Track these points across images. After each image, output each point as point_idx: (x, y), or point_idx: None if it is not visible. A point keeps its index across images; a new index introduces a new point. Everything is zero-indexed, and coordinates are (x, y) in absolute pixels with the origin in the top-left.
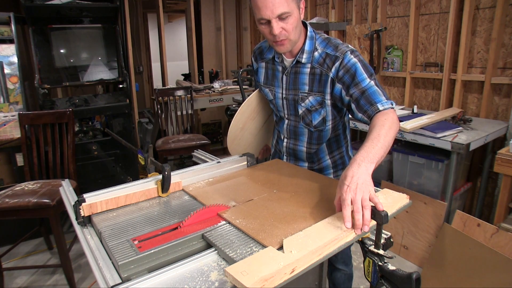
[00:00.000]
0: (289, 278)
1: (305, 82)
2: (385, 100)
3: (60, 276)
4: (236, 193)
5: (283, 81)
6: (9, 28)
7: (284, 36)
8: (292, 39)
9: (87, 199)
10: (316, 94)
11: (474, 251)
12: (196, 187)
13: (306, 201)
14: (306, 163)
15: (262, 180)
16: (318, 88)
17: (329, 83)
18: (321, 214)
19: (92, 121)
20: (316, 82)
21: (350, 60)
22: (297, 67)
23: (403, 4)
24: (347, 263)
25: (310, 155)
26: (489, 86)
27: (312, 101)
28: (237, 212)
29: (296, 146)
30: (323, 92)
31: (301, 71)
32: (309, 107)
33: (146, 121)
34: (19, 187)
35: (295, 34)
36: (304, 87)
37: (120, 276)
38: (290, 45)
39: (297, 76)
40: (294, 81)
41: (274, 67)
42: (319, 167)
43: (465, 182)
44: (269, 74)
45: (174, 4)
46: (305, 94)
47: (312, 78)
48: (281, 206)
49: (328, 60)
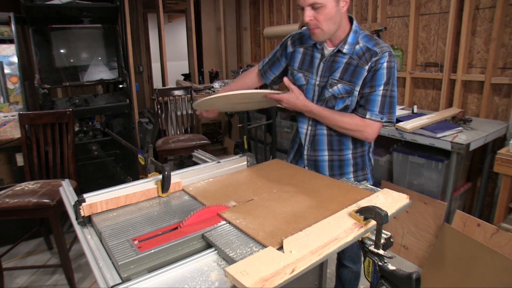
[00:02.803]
0: (289, 278)
1: (338, 71)
2: (377, 113)
3: (60, 276)
4: (236, 193)
5: (320, 68)
6: (9, 28)
7: (314, 25)
8: (324, 29)
9: (87, 199)
10: (346, 83)
11: (474, 251)
12: (196, 187)
13: (306, 201)
14: (326, 151)
15: (262, 180)
16: (350, 78)
17: (363, 76)
18: (321, 214)
19: (92, 121)
20: (349, 72)
21: (383, 63)
22: (336, 56)
23: (403, 4)
24: (355, 261)
25: (331, 141)
26: (489, 86)
27: (341, 88)
28: (237, 212)
29: (317, 131)
30: (353, 83)
31: (338, 60)
32: (336, 94)
33: (146, 121)
34: (19, 187)
35: (328, 26)
36: (335, 74)
37: (120, 276)
38: (322, 36)
39: (333, 64)
40: (329, 69)
41: (313, 53)
42: (340, 159)
43: (465, 182)
44: (306, 60)
45: (174, 4)
46: (335, 81)
47: (346, 67)
48: (281, 206)
49: (367, 54)
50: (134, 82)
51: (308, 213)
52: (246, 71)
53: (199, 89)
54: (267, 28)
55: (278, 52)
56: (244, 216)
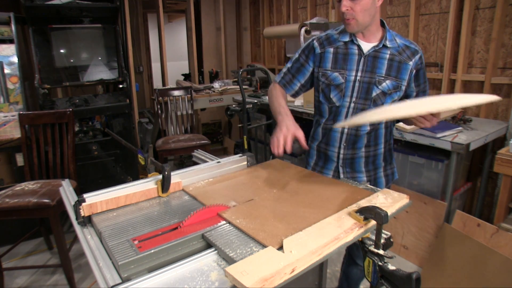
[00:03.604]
0: (289, 278)
1: (383, 67)
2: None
3: (60, 276)
4: (236, 193)
5: (360, 63)
6: (9, 28)
7: (351, 15)
8: (359, 20)
9: (87, 199)
10: (393, 79)
11: (474, 251)
12: (196, 187)
13: (306, 201)
14: (363, 148)
15: (262, 180)
16: (396, 74)
17: (408, 71)
18: (321, 214)
19: (92, 121)
20: (394, 68)
21: (423, 59)
22: (377, 51)
23: (403, 4)
24: None
25: (369, 137)
26: (489, 86)
27: (389, 84)
28: (237, 212)
29: (360, 129)
30: (400, 78)
31: (380, 56)
32: (386, 90)
33: (146, 121)
34: (19, 187)
35: (364, 18)
36: (381, 71)
37: (120, 276)
38: (356, 27)
39: (375, 60)
40: (372, 64)
41: (347, 50)
42: (374, 154)
43: (465, 182)
44: (339, 58)
45: (174, 4)
46: (382, 78)
47: (390, 64)
48: (281, 206)
49: (408, 51)
50: (134, 82)
51: (308, 213)
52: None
53: (199, 89)
54: (267, 28)
55: (302, 58)
56: (244, 216)
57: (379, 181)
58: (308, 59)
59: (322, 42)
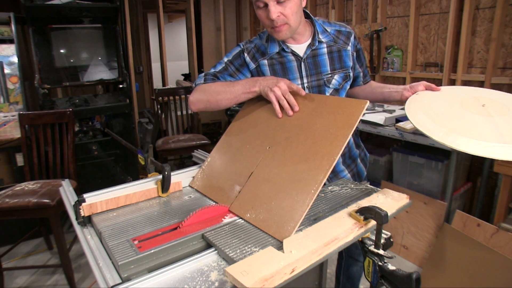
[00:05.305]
0: (289, 278)
1: (326, 64)
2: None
3: (60, 276)
4: (235, 171)
5: (302, 68)
6: (9, 28)
7: (282, 21)
8: (291, 25)
9: (87, 199)
10: (340, 71)
11: (474, 251)
12: (198, 178)
13: (300, 149)
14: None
15: (252, 137)
16: (341, 65)
17: (350, 57)
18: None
19: (92, 121)
20: (336, 60)
21: (356, 37)
22: (314, 50)
23: (403, 4)
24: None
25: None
26: (489, 86)
27: (338, 79)
28: (243, 202)
29: None
30: (345, 67)
31: (319, 53)
32: (337, 86)
33: (146, 121)
34: (19, 187)
35: (295, 20)
36: (325, 69)
37: (120, 276)
38: (289, 32)
39: (315, 59)
40: (314, 66)
41: (282, 60)
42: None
43: (465, 182)
44: (278, 69)
45: (174, 4)
46: (329, 75)
47: (331, 57)
48: (279, 170)
49: (342, 36)
50: (134, 82)
51: (306, 171)
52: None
53: None
54: None
55: (231, 68)
56: (251, 204)
57: (359, 168)
58: (239, 72)
59: (254, 55)
